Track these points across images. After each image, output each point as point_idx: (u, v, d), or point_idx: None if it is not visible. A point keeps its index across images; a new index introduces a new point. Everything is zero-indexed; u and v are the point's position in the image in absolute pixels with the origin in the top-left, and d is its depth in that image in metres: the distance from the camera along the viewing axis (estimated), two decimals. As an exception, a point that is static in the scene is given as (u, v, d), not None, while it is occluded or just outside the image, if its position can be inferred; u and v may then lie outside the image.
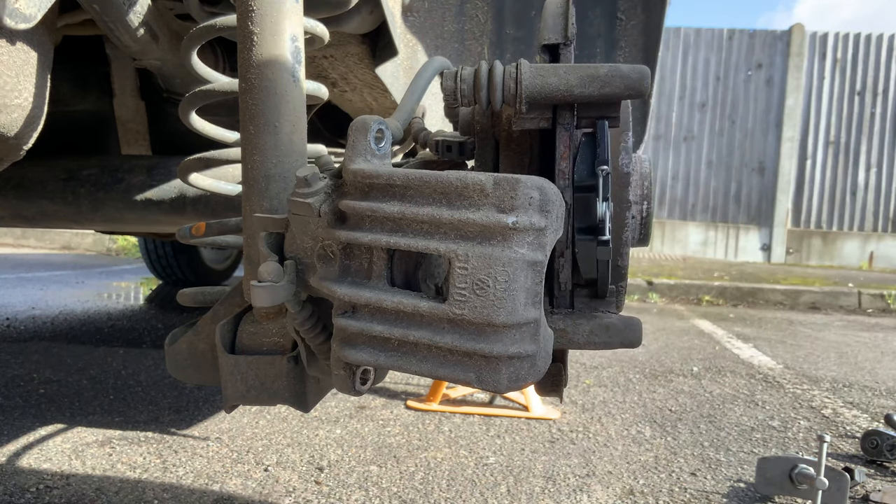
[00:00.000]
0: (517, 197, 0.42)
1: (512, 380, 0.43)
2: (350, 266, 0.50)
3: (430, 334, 0.45)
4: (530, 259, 0.42)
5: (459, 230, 0.43)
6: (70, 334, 2.83)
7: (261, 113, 0.64)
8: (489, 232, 0.42)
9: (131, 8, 0.91)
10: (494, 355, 0.43)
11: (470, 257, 0.42)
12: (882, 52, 8.83)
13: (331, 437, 1.68)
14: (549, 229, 0.43)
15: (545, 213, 0.43)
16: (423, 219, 0.45)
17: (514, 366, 0.43)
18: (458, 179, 0.43)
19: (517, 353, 0.43)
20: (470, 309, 0.42)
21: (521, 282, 0.42)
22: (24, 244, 7.83)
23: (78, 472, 1.41)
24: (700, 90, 9.18)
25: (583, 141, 0.53)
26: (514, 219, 0.42)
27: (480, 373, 0.44)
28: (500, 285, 0.42)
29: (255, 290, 0.52)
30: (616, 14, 1.37)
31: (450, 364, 0.45)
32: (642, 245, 0.63)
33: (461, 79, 0.50)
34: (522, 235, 0.42)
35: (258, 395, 0.65)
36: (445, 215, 0.43)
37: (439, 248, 0.44)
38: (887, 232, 8.90)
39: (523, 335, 0.43)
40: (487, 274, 0.42)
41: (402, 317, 0.47)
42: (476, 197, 0.43)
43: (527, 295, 0.42)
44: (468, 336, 0.43)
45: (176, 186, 1.45)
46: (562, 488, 1.42)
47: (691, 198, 9.24)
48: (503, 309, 0.42)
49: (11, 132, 0.81)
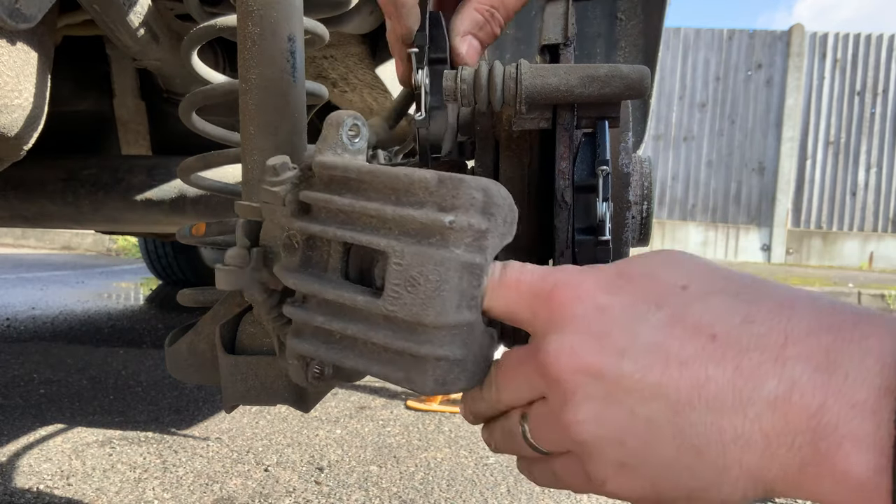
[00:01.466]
0: (459, 196, 0.41)
1: (439, 383, 0.42)
2: (312, 257, 0.49)
3: (365, 329, 0.44)
4: (466, 260, 0.41)
5: (403, 226, 0.43)
6: (70, 334, 2.83)
7: (261, 113, 0.64)
8: (428, 230, 0.41)
9: (131, 8, 0.91)
10: (422, 355, 0.42)
11: (405, 254, 0.42)
12: (882, 52, 8.84)
13: (331, 437, 1.68)
14: (492, 232, 0.42)
15: (488, 216, 0.42)
16: (370, 212, 0.44)
17: (441, 368, 0.42)
18: (406, 175, 0.43)
19: (444, 356, 0.41)
20: (401, 306, 0.41)
21: (454, 283, 0.41)
22: (24, 244, 7.83)
23: (78, 472, 1.41)
24: (700, 90, 9.18)
25: (583, 141, 0.53)
26: (452, 218, 0.41)
27: (409, 372, 0.43)
28: (430, 284, 0.41)
29: (218, 274, 0.53)
30: (616, 14, 1.37)
31: (383, 361, 0.44)
32: (642, 245, 0.63)
33: (461, 79, 0.50)
34: (460, 236, 0.41)
35: (258, 395, 0.65)
36: (389, 211, 0.43)
37: (380, 243, 0.43)
38: (887, 232, 8.91)
39: (454, 338, 0.42)
40: (420, 272, 0.41)
41: (342, 310, 0.46)
42: (421, 194, 0.42)
43: (460, 297, 0.41)
44: (400, 334, 0.42)
45: (176, 186, 1.45)
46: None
47: (691, 198, 9.25)
48: (432, 308, 0.41)
49: (11, 132, 0.81)
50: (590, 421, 0.36)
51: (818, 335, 0.30)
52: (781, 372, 0.30)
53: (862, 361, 0.29)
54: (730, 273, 0.36)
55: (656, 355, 0.33)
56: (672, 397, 0.33)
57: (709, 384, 0.32)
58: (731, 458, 0.32)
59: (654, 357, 0.33)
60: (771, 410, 0.30)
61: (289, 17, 0.64)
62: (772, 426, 0.30)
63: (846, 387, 0.29)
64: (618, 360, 0.34)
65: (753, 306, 0.33)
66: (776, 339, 0.31)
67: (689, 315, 0.34)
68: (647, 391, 0.33)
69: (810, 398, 0.29)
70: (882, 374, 0.28)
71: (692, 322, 0.33)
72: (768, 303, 0.33)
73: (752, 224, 9.12)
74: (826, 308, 0.32)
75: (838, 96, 8.94)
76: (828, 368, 0.29)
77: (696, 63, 9.17)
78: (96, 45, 1.42)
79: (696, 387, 0.32)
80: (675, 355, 0.33)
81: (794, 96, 8.89)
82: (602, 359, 0.35)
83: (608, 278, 0.38)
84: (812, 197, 9.02)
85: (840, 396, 0.29)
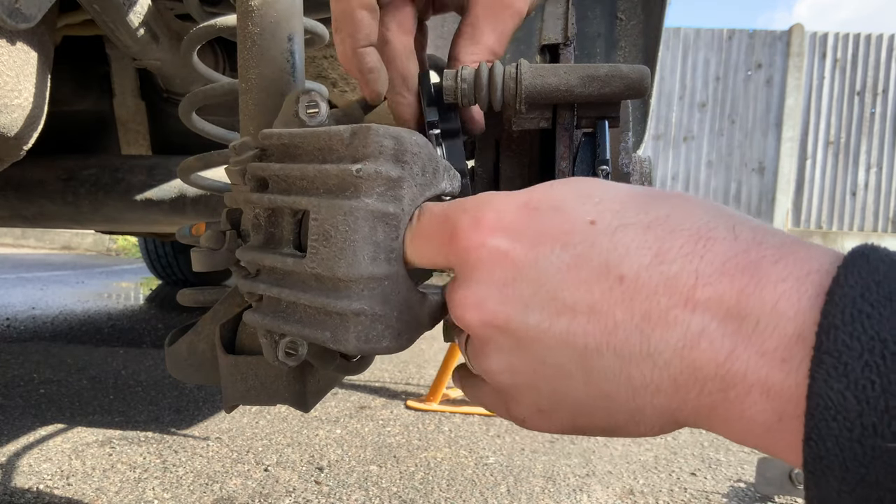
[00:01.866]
0: (368, 145, 0.40)
1: (361, 340, 0.41)
2: (274, 233, 0.49)
3: (298, 292, 0.43)
4: (377, 210, 0.40)
5: (325, 184, 0.42)
6: (70, 334, 2.83)
7: (261, 113, 0.64)
8: (344, 183, 0.41)
9: (131, 8, 0.91)
10: (340, 311, 0.41)
11: (321, 208, 0.41)
12: (882, 52, 8.83)
13: (331, 437, 1.68)
14: (407, 181, 0.41)
15: (401, 164, 0.41)
16: (296, 174, 0.44)
17: (362, 324, 0.41)
18: (325, 132, 0.42)
19: (362, 310, 0.40)
20: (318, 261, 0.41)
21: (366, 233, 0.40)
22: (24, 244, 7.83)
23: (78, 472, 1.41)
24: (700, 90, 9.18)
25: (583, 141, 0.53)
26: (360, 167, 0.40)
27: (335, 331, 0.42)
28: (341, 235, 0.40)
29: (194, 255, 0.53)
30: (616, 14, 1.37)
31: (314, 324, 0.43)
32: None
33: (461, 78, 0.50)
34: (370, 185, 0.40)
35: (258, 395, 0.65)
36: (311, 170, 0.42)
37: (301, 202, 0.43)
38: (887, 232, 8.90)
39: (371, 292, 0.40)
40: (331, 224, 0.40)
41: (280, 275, 0.46)
42: (339, 149, 0.42)
43: (375, 248, 0.40)
44: (322, 292, 0.42)
45: (176, 186, 1.45)
46: (562, 488, 1.42)
47: (691, 198, 9.25)
48: (344, 260, 0.40)
49: (11, 132, 0.81)
50: (503, 371, 0.36)
51: (732, 277, 0.28)
52: (690, 318, 0.29)
53: (774, 307, 0.27)
54: (646, 199, 0.33)
55: (562, 302, 0.32)
56: (580, 345, 0.32)
57: (616, 331, 0.31)
58: (642, 401, 0.32)
59: (559, 304, 0.32)
60: (679, 358, 0.29)
61: (289, 17, 0.64)
62: (680, 373, 0.29)
63: (756, 334, 0.27)
64: (523, 312, 0.33)
65: (666, 241, 0.30)
66: (686, 281, 0.29)
67: (595, 255, 0.31)
68: (553, 341, 0.32)
69: (719, 345, 0.28)
70: (795, 321, 0.27)
71: (598, 262, 0.31)
72: (683, 235, 0.30)
73: (752, 224, 9.12)
74: (746, 241, 0.29)
75: (838, 96, 8.94)
76: (739, 314, 0.28)
77: (696, 63, 9.17)
78: (96, 45, 1.42)
79: (603, 333, 0.31)
80: (581, 301, 0.31)
81: (794, 96, 8.89)
82: (507, 310, 0.34)
83: (512, 212, 0.35)
84: (812, 197, 9.02)
85: (749, 344, 0.28)
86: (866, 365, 0.24)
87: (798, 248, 0.29)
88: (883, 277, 0.26)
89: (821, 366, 0.25)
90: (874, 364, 0.24)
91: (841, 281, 0.26)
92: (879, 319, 0.25)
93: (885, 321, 0.25)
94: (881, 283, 0.26)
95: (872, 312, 0.25)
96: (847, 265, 0.27)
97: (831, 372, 0.25)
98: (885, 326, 0.25)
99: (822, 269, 0.28)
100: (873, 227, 8.94)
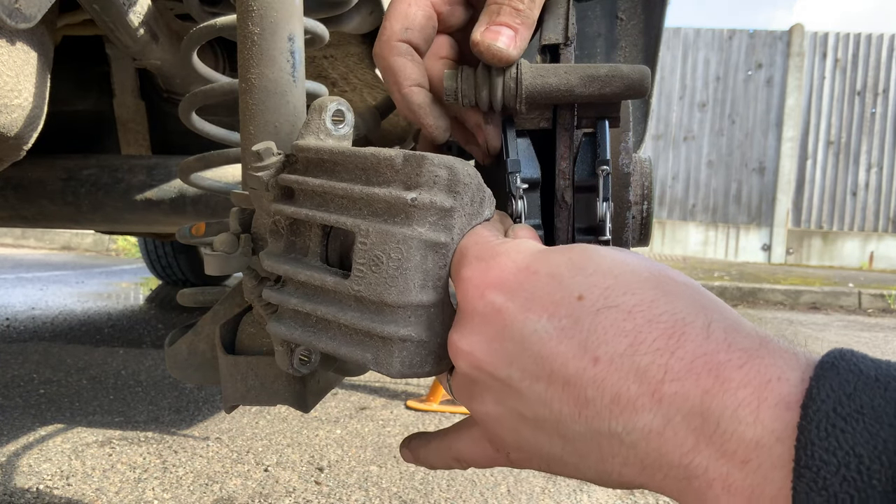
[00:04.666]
0: (422, 174, 0.41)
1: (405, 364, 0.42)
2: (295, 243, 0.49)
3: (336, 311, 0.44)
4: (429, 239, 0.41)
5: (371, 206, 0.43)
6: (70, 334, 2.83)
7: (261, 113, 0.64)
8: (393, 209, 0.41)
9: (131, 8, 0.91)
10: (387, 336, 0.41)
11: (370, 232, 0.41)
12: (882, 52, 8.83)
13: (331, 438, 1.68)
14: (458, 211, 0.42)
15: (454, 194, 0.41)
16: (339, 192, 0.44)
17: (407, 350, 0.42)
18: (373, 155, 0.43)
19: (409, 336, 0.41)
20: (366, 285, 0.41)
21: (417, 261, 0.40)
22: (24, 244, 7.83)
23: (78, 472, 1.41)
24: (700, 90, 9.18)
25: (583, 141, 0.53)
26: (415, 195, 0.40)
27: (377, 354, 0.42)
28: (392, 262, 0.40)
29: (207, 259, 0.53)
30: (616, 14, 1.37)
31: (353, 343, 0.44)
32: (643, 245, 0.63)
33: (462, 78, 0.50)
34: (423, 214, 0.41)
35: (258, 395, 0.65)
36: (357, 190, 0.43)
37: (346, 223, 0.43)
38: (887, 232, 8.90)
39: (418, 318, 0.41)
40: (382, 250, 0.41)
41: (315, 291, 0.46)
42: (388, 173, 0.42)
43: (424, 276, 0.41)
44: (367, 314, 0.42)
45: (176, 186, 1.45)
46: (562, 488, 1.42)
47: (691, 198, 9.24)
48: (395, 287, 0.40)
49: (11, 132, 0.81)
50: (489, 414, 0.39)
51: (698, 376, 0.30)
52: (657, 408, 0.31)
53: (735, 412, 0.29)
54: (633, 279, 0.35)
55: (541, 368, 0.34)
56: (555, 410, 0.34)
57: (588, 406, 0.33)
58: (611, 468, 0.34)
59: (539, 369, 0.35)
60: (645, 441, 0.31)
61: (289, 16, 0.64)
62: (647, 455, 0.32)
63: (717, 435, 0.29)
64: (507, 367, 0.36)
65: (643, 331, 0.32)
66: (655, 374, 0.31)
67: (576, 332, 0.34)
68: (533, 399, 0.35)
69: (682, 438, 0.30)
70: (754, 427, 0.28)
71: (578, 341, 0.34)
72: (659, 328, 0.32)
73: (753, 224, 9.11)
74: (716, 341, 0.31)
75: (839, 96, 8.94)
76: (702, 413, 0.30)
77: (697, 63, 9.17)
78: (96, 45, 1.42)
79: (576, 405, 0.33)
80: (557, 372, 0.34)
81: (795, 96, 8.89)
82: (494, 362, 0.36)
83: (514, 273, 0.37)
84: (812, 197, 9.02)
85: (711, 443, 0.29)
86: (844, 479, 0.26)
87: (764, 353, 0.30)
88: (853, 390, 0.27)
89: (801, 479, 0.27)
90: (851, 479, 0.26)
91: (814, 395, 0.28)
92: (853, 434, 0.26)
93: (857, 435, 0.26)
94: (852, 395, 0.27)
95: (846, 427, 0.26)
96: (818, 378, 0.28)
97: (811, 486, 0.26)
98: (858, 441, 0.26)
99: (784, 377, 0.29)
100: (873, 227, 8.94)
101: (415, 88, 0.51)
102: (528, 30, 0.49)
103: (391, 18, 0.52)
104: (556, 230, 0.53)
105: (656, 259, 8.00)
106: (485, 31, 0.48)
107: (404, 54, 0.51)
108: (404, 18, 0.51)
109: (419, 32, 0.51)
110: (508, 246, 0.39)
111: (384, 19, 0.52)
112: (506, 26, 0.48)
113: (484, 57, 0.48)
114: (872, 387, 0.27)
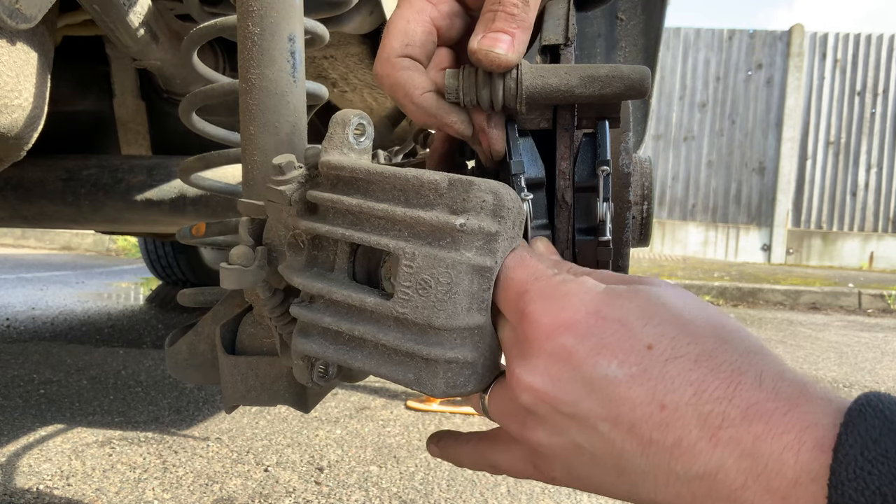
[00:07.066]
0: (469, 199, 0.41)
1: (450, 385, 0.43)
2: (318, 257, 0.49)
3: (374, 331, 0.44)
4: (477, 263, 0.41)
5: (412, 228, 0.43)
6: (70, 334, 2.83)
7: (261, 113, 0.64)
8: (439, 232, 0.42)
9: (131, 8, 0.91)
10: (433, 358, 0.42)
11: (416, 256, 0.42)
12: (882, 52, 8.83)
13: (331, 438, 1.68)
14: (502, 236, 0.42)
15: (498, 219, 0.42)
16: (378, 213, 0.44)
17: (452, 371, 0.42)
18: (415, 177, 0.43)
19: (455, 359, 0.42)
20: (412, 308, 0.42)
21: (465, 286, 0.41)
22: (24, 244, 7.83)
23: (78, 472, 1.41)
24: (700, 90, 9.18)
25: (583, 141, 0.53)
26: (463, 221, 0.41)
27: (420, 374, 0.43)
28: (441, 287, 0.41)
29: (223, 272, 0.53)
30: (616, 14, 1.37)
31: (392, 363, 0.45)
32: (643, 245, 0.63)
33: (464, 76, 0.50)
34: (471, 239, 0.41)
35: (258, 395, 0.65)
36: (399, 212, 0.43)
37: (389, 245, 0.43)
38: (887, 232, 8.90)
39: (464, 340, 0.42)
40: (431, 274, 0.41)
41: (350, 311, 0.46)
42: (431, 196, 0.42)
43: (470, 300, 0.42)
44: (410, 336, 0.43)
45: (176, 186, 1.45)
46: (562, 489, 1.42)
47: (691, 198, 9.24)
48: (443, 311, 0.41)
49: (12, 132, 0.81)
50: (541, 443, 0.41)
51: (750, 422, 0.34)
52: (713, 452, 0.35)
53: (780, 455, 0.33)
54: (696, 329, 0.38)
55: (608, 410, 0.37)
56: (617, 446, 0.37)
57: (650, 447, 0.36)
58: (664, 497, 0.37)
59: (605, 411, 0.37)
60: (699, 481, 0.35)
61: (289, 17, 0.64)
62: (699, 489, 0.35)
63: (764, 474, 0.33)
64: (573, 405, 0.38)
65: (706, 381, 0.36)
66: (714, 421, 0.35)
67: (645, 380, 0.37)
68: (595, 436, 0.38)
69: (734, 477, 0.34)
70: (795, 468, 0.33)
71: (647, 389, 0.36)
72: (720, 377, 0.36)
73: (753, 224, 9.11)
74: (766, 390, 0.35)
75: (838, 96, 8.93)
76: (752, 455, 0.34)
77: (696, 63, 9.17)
78: (96, 45, 1.42)
79: (640, 445, 0.37)
80: (625, 415, 0.37)
81: (795, 96, 8.89)
82: (559, 398, 0.39)
83: (583, 317, 0.39)
84: (812, 197, 9.02)
85: (758, 481, 0.33)
86: None
87: (803, 400, 0.35)
88: (879, 435, 0.31)
89: None
90: None
91: (843, 440, 0.32)
92: (879, 476, 0.30)
93: (882, 477, 0.30)
94: (877, 440, 0.31)
95: (872, 469, 0.31)
96: (847, 424, 0.32)
97: None
98: (884, 482, 0.30)
99: (819, 423, 0.33)
100: (873, 227, 8.94)
101: (427, 94, 0.51)
102: (525, 33, 0.49)
103: (390, 36, 0.51)
104: (557, 230, 0.53)
105: (656, 259, 8.00)
106: (482, 39, 0.48)
107: (408, 68, 0.51)
108: (403, 35, 0.51)
109: (420, 48, 0.52)
110: (573, 287, 0.41)
111: (383, 37, 0.52)
112: (502, 32, 0.48)
113: (483, 64, 0.48)
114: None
